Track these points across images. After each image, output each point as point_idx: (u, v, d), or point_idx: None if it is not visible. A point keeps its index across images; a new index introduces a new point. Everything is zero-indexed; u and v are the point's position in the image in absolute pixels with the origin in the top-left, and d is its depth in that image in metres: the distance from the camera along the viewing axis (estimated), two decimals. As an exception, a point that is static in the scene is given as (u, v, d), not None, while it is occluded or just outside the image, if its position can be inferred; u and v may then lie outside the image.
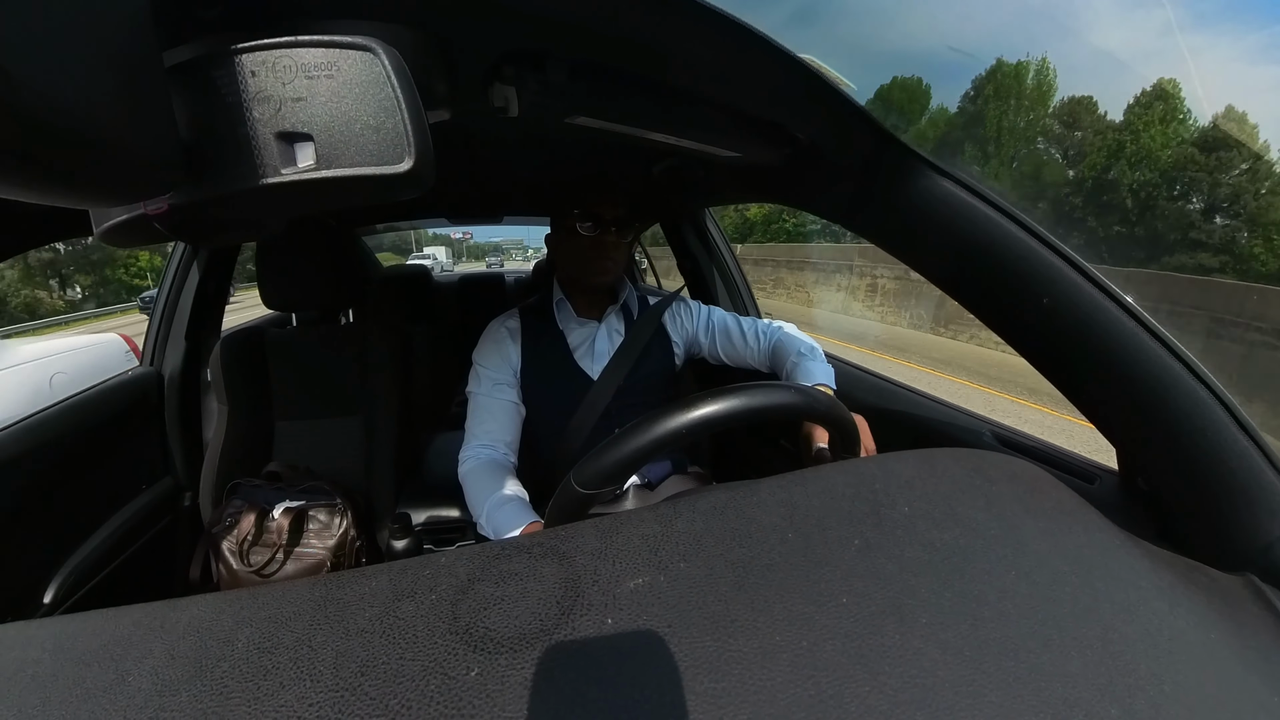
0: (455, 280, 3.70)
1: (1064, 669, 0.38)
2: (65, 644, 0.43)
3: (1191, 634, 0.44)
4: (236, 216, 0.47)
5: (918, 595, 0.42)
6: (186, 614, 0.44)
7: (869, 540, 0.46)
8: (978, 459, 0.59)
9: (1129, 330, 0.61)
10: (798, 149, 0.87)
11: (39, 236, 0.93)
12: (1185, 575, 0.51)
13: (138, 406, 1.61)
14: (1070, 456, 0.94)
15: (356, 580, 0.46)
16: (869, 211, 0.81)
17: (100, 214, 0.46)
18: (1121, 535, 0.53)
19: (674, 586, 0.43)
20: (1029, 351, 0.70)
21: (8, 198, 0.32)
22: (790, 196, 1.11)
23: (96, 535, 1.39)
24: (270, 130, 0.38)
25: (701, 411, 0.63)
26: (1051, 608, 0.42)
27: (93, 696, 0.38)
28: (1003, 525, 0.49)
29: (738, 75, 0.67)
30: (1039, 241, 0.64)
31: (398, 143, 0.39)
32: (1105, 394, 0.66)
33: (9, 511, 1.17)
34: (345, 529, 1.42)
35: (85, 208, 0.44)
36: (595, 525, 0.50)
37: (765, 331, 1.32)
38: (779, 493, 0.52)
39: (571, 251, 1.22)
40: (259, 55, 0.38)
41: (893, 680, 0.36)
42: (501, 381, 1.21)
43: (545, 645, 0.39)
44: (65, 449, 1.33)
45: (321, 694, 0.37)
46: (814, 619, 0.40)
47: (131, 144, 0.34)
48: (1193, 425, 0.59)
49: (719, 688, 0.36)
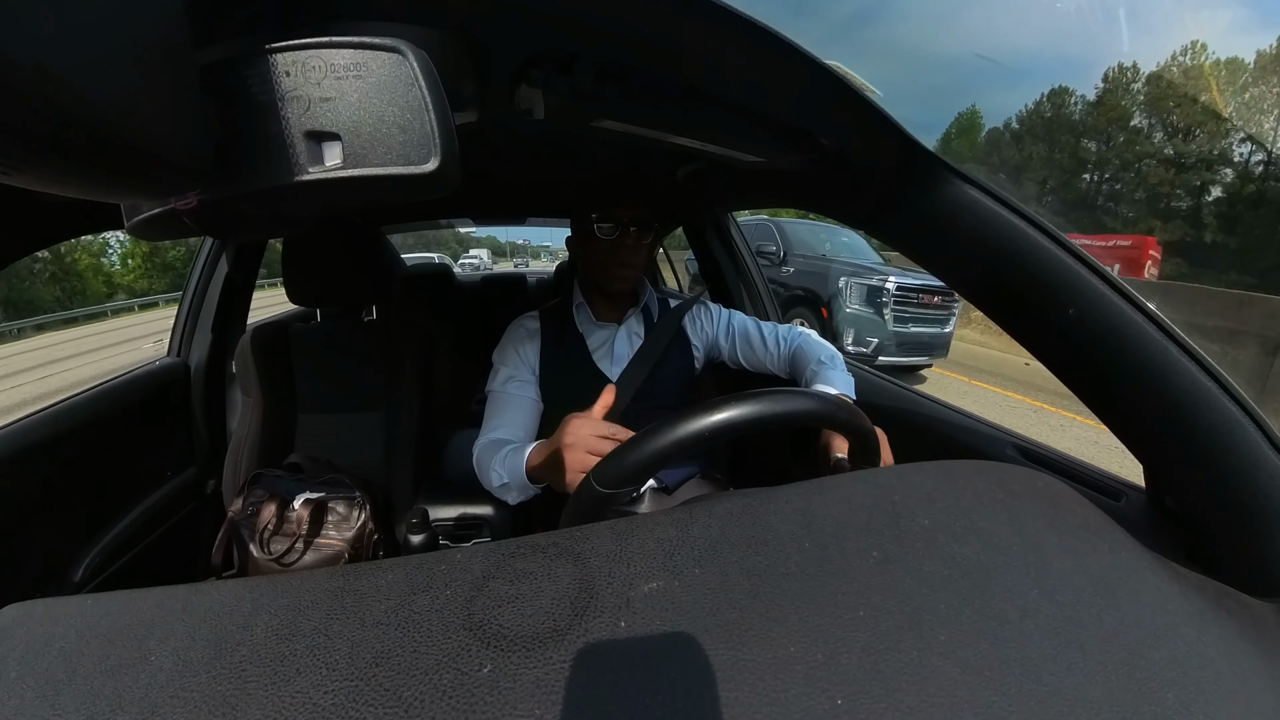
0: (478, 280, 3.72)
1: (1087, 694, 0.37)
2: (92, 622, 0.44)
3: (1221, 662, 0.42)
4: (264, 213, 0.48)
5: (937, 611, 0.41)
6: (208, 598, 0.45)
7: (887, 552, 0.46)
8: (1000, 472, 0.58)
9: (1157, 343, 0.59)
10: (822, 155, 0.86)
11: (72, 229, 0.95)
12: (1215, 600, 0.50)
13: (164, 396, 1.65)
14: (1096, 472, 0.93)
15: (373, 572, 0.47)
16: (893, 218, 0.80)
17: (131, 208, 0.47)
18: (1149, 556, 0.51)
19: (688, 592, 0.43)
20: (1054, 363, 0.69)
21: (43, 190, 0.33)
22: (814, 202, 1.10)
23: (123, 519, 1.43)
24: (299, 129, 0.39)
25: (724, 416, 0.63)
26: (1075, 629, 0.41)
27: (117, 673, 0.39)
28: (1025, 541, 0.48)
29: (764, 81, 0.67)
30: (1065, 250, 0.63)
31: (424, 143, 0.39)
32: (1133, 408, 0.64)
33: (40, 493, 1.20)
34: (364, 522, 1.44)
35: (116, 201, 0.46)
36: (611, 527, 0.50)
37: (786, 337, 1.31)
38: (796, 501, 0.52)
39: (590, 254, 1.22)
40: (290, 55, 0.38)
41: (909, 698, 0.35)
42: (519, 379, 1.21)
43: (558, 645, 0.39)
44: (94, 435, 1.36)
45: (336, 682, 0.37)
46: (830, 631, 0.40)
47: (163, 140, 0.35)
48: (1224, 443, 0.57)
49: (731, 696, 0.35)
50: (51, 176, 0.33)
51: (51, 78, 0.27)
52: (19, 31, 0.25)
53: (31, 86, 0.26)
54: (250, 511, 1.41)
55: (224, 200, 0.42)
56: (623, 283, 1.22)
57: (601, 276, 1.23)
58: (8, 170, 0.31)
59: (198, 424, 1.74)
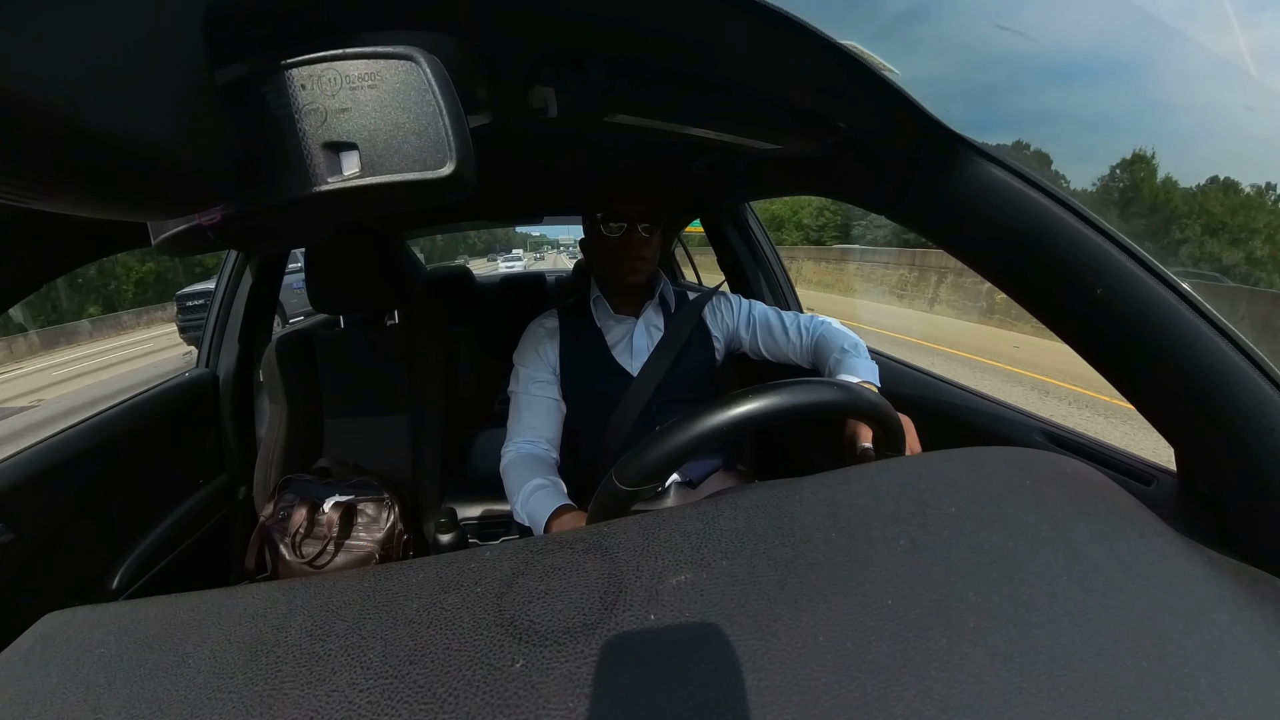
0: (496, 281, 3.75)
1: (1118, 681, 0.36)
2: (130, 627, 0.46)
3: (1255, 648, 0.41)
4: (286, 224, 0.49)
5: (965, 598, 0.41)
6: (242, 601, 0.47)
7: (915, 541, 0.45)
8: (1027, 458, 0.57)
9: (1188, 321, 0.58)
10: (840, 139, 0.85)
11: (101, 248, 0.97)
12: (1249, 585, 0.49)
13: (194, 406, 1.69)
14: (1126, 456, 0.91)
15: (404, 572, 0.47)
16: (913, 201, 0.79)
17: (158, 226, 0.48)
18: (1180, 540, 0.50)
19: (716, 584, 0.43)
20: (1081, 344, 0.68)
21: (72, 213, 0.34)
22: (832, 188, 1.09)
23: (158, 527, 1.46)
24: (317, 141, 0.39)
25: (744, 409, 0.62)
26: (1105, 615, 0.40)
27: (155, 676, 0.40)
28: (1054, 527, 0.47)
29: (779, 65, 0.66)
30: (1091, 228, 0.61)
31: (439, 148, 0.40)
32: (1163, 390, 0.63)
33: (77, 504, 1.24)
34: (393, 523, 1.46)
35: (143, 220, 0.47)
36: (638, 522, 0.50)
37: (808, 327, 1.30)
38: (822, 491, 0.52)
39: (602, 251, 1.23)
40: (306, 70, 0.39)
41: (940, 685, 0.35)
42: (541, 380, 1.22)
43: (589, 639, 0.39)
44: (128, 447, 1.40)
45: (371, 680, 0.38)
46: (859, 620, 0.39)
47: (186, 160, 0.36)
48: (1258, 424, 0.56)
49: (762, 686, 0.36)
50: (78, 200, 0.34)
51: (77, 106, 0.27)
52: (45, 63, 0.26)
53: (58, 115, 0.27)
54: (281, 516, 1.44)
55: (247, 214, 0.43)
56: (635, 275, 1.22)
57: (614, 272, 1.23)
58: (37, 196, 0.32)
59: (227, 432, 1.77)
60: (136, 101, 0.31)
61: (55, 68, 0.26)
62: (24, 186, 0.30)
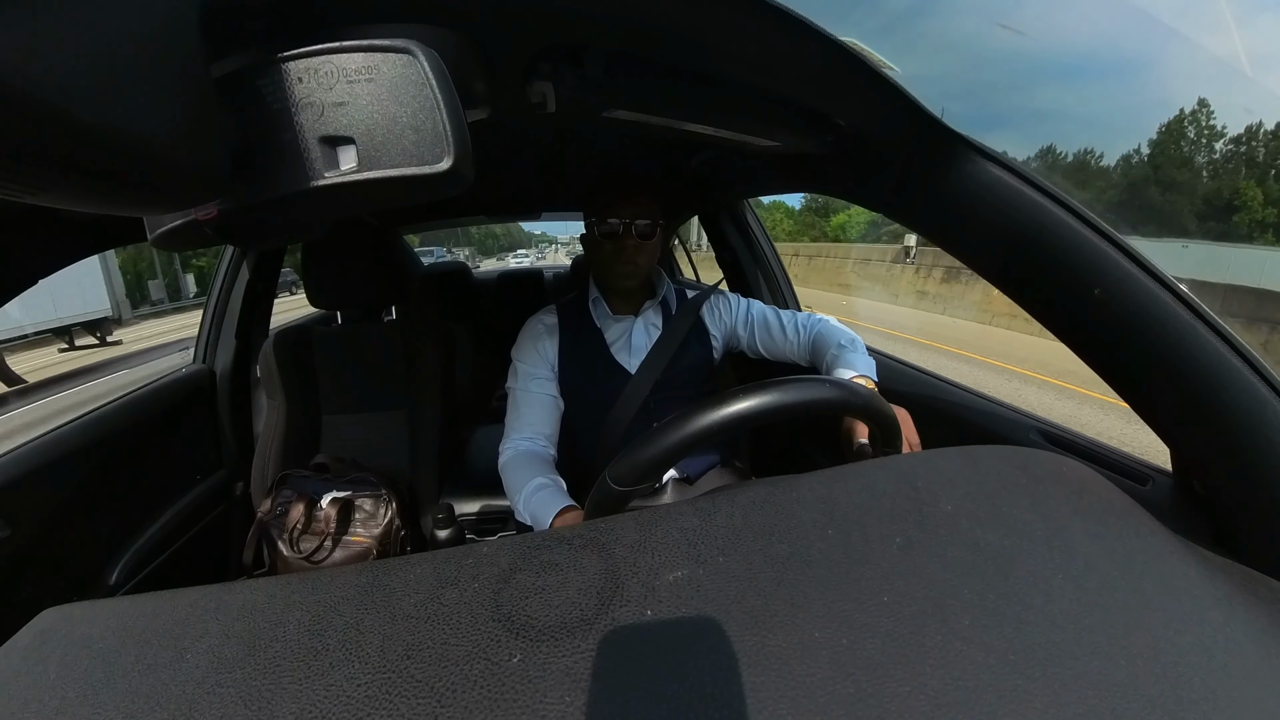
0: (494, 277, 3.75)
1: (1112, 679, 0.36)
2: (128, 623, 0.46)
3: (1249, 647, 0.41)
4: (282, 219, 0.48)
5: (960, 596, 0.41)
6: (240, 597, 0.47)
7: (910, 538, 0.46)
8: (1024, 457, 0.57)
9: (1185, 323, 0.58)
10: (839, 136, 0.85)
11: (97, 243, 0.97)
12: (1243, 584, 0.49)
13: (191, 402, 1.69)
14: (1122, 456, 0.91)
15: (402, 568, 0.47)
16: (912, 199, 0.79)
17: (154, 220, 0.48)
18: (1175, 540, 0.50)
19: (713, 580, 0.43)
20: (1078, 345, 0.68)
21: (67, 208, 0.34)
22: (831, 185, 1.09)
23: (156, 522, 1.47)
24: (314, 135, 0.39)
25: (736, 408, 0.62)
26: (1100, 614, 0.40)
27: (154, 671, 0.40)
28: (1049, 526, 0.47)
29: (778, 61, 0.66)
30: (1090, 228, 0.61)
31: (437, 142, 0.40)
32: (1159, 391, 0.63)
33: (75, 499, 1.24)
34: (390, 518, 1.46)
35: (139, 215, 0.46)
36: (634, 518, 0.50)
37: (805, 324, 1.30)
38: (819, 489, 0.52)
39: (598, 254, 1.22)
40: (302, 63, 0.39)
41: (934, 681, 0.35)
42: (539, 376, 1.22)
43: (586, 635, 0.40)
44: (125, 442, 1.40)
45: (369, 675, 0.38)
46: (854, 617, 0.40)
47: (182, 154, 0.35)
48: (1253, 425, 0.56)
49: (758, 681, 0.36)
50: (75, 194, 0.34)
51: (72, 101, 0.27)
52: (40, 57, 0.26)
53: (53, 110, 0.27)
54: (279, 511, 1.44)
55: (243, 208, 0.42)
56: (630, 279, 1.22)
57: (609, 275, 1.23)
58: (33, 190, 0.32)
59: (225, 428, 1.77)
60: (132, 95, 0.31)
61: (50, 62, 0.26)
62: (18, 181, 0.30)
